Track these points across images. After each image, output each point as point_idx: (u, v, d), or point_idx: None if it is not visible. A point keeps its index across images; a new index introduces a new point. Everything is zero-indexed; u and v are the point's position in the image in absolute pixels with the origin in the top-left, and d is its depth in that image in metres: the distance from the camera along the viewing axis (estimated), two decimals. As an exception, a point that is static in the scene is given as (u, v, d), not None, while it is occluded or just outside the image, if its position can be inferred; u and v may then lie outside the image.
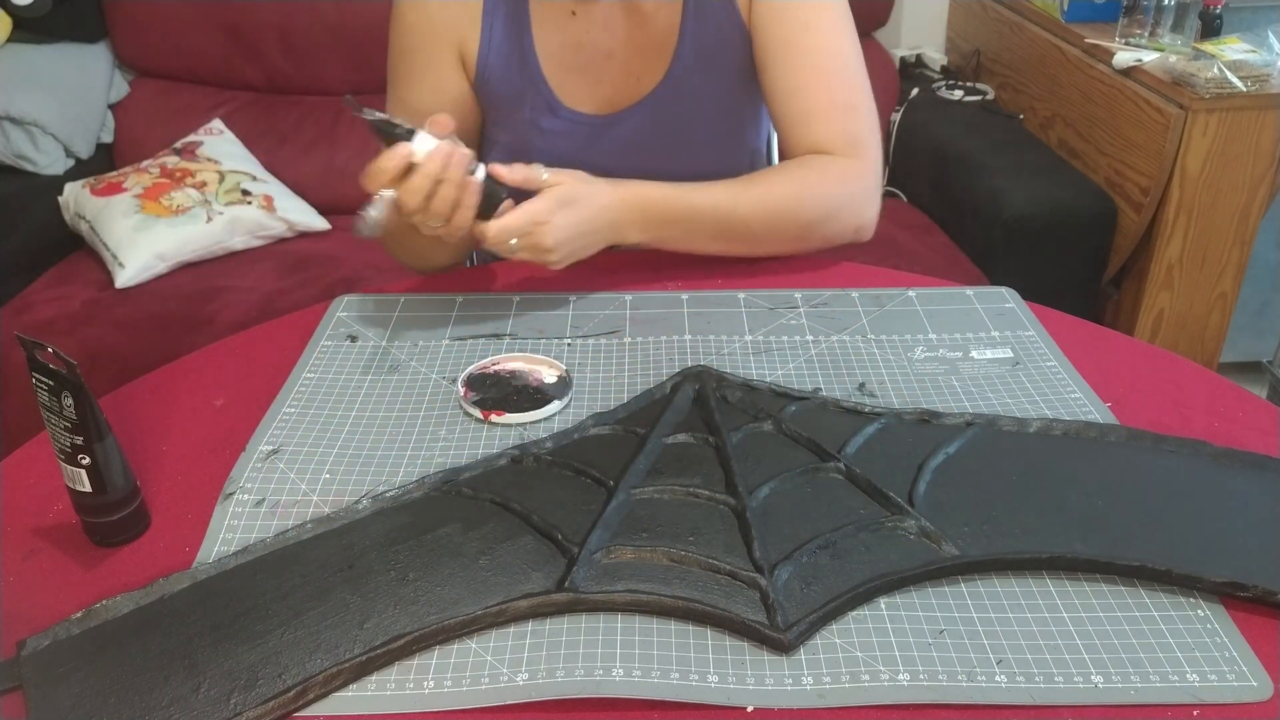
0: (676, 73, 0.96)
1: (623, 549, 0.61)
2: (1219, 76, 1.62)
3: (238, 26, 2.03)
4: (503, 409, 0.75)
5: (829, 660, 0.55)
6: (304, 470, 0.70)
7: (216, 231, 1.78)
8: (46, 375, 0.59)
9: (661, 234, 0.90)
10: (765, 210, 0.91)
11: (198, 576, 0.60)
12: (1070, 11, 1.96)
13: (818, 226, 0.93)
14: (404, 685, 0.54)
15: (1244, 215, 1.72)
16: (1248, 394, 0.77)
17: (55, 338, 1.61)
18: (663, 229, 0.90)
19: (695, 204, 0.90)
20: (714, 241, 0.93)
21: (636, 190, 0.88)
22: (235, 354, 0.85)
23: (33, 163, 1.89)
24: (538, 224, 0.82)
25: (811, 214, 0.92)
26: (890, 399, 0.76)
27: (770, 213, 0.91)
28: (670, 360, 0.82)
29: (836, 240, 0.96)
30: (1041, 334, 0.85)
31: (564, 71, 0.97)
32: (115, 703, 0.52)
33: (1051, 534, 0.62)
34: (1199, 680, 0.53)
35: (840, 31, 0.93)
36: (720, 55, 0.96)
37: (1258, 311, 1.91)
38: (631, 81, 0.97)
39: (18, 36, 1.96)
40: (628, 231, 0.89)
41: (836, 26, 0.93)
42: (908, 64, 2.37)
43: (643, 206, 0.88)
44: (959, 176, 1.94)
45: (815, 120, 0.93)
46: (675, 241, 0.92)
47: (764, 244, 0.94)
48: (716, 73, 0.97)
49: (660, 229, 0.90)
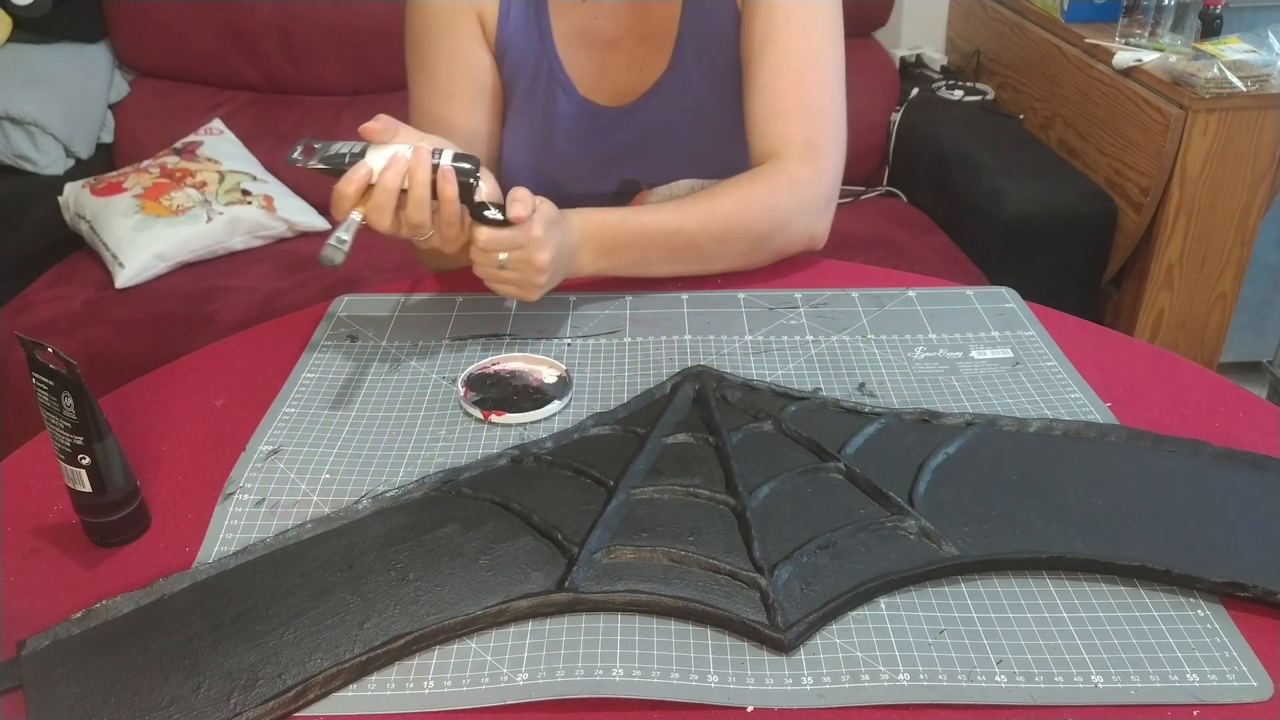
0: (677, 65, 0.97)
1: (623, 549, 0.61)
2: (1219, 76, 1.62)
3: (238, 26, 2.03)
4: (503, 409, 0.75)
5: (829, 660, 0.55)
6: (304, 470, 0.70)
7: (216, 231, 1.78)
8: (46, 375, 0.59)
9: (615, 261, 0.89)
10: (713, 225, 0.89)
11: (198, 576, 0.60)
12: (1070, 11, 1.96)
13: (768, 239, 0.92)
14: (404, 685, 0.54)
15: (1244, 215, 1.72)
16: (1248, 394, 0.77)
17: (55, 338, 1.61)
18: (616, 254, 0.88)
19: (645, 225, 0.88)
20: (667, 263, 0.91)
21: (591, 217, 0.87)
22: (235, 354, 0.85)
23: (33, 163, 1.89)
24: (533, 238, 0.78)
25: (762, 226, 0.91)
26: (890, 399, 0.76)
27: (718, 228, 0.89)
28: (670, 360, 0.82)
29: (789, 251, 0.94)
30: (1041, 334, 0.85)
31: (574, 54, 0.97)
32: (115, 703, 0.52)
33: (1051, 534, 0.62)
34: (1199, 680, 0.53)
35: (823, 33, 0.92)
36: (718, 48, 0.96)
37: (1258, 311, 1.91)
38: (635, 71, 0.98)
39: (18, 36, 1.96)
40: (583, 259, 0.87)
41: (820, 27, 0.92)
42: (908, 64, 2.37)
43: (598, 233, 0.87)
44: (959, 176, 1.94)
45: (777, 121, 0.92)
46: (629, 267, 0.90)
47: (716, 260, 0.92)
48: (715, 66, 0.97)
49: (613, 255, 0.88)
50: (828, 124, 0.92)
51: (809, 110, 0.91)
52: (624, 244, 0.88)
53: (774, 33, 0.91)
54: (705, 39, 0.96)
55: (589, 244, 0.86)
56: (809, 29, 0.91)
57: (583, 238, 0.86)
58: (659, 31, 0.96)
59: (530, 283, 0.81)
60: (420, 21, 0.96)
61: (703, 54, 0.97)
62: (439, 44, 0.95)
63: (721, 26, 0.95)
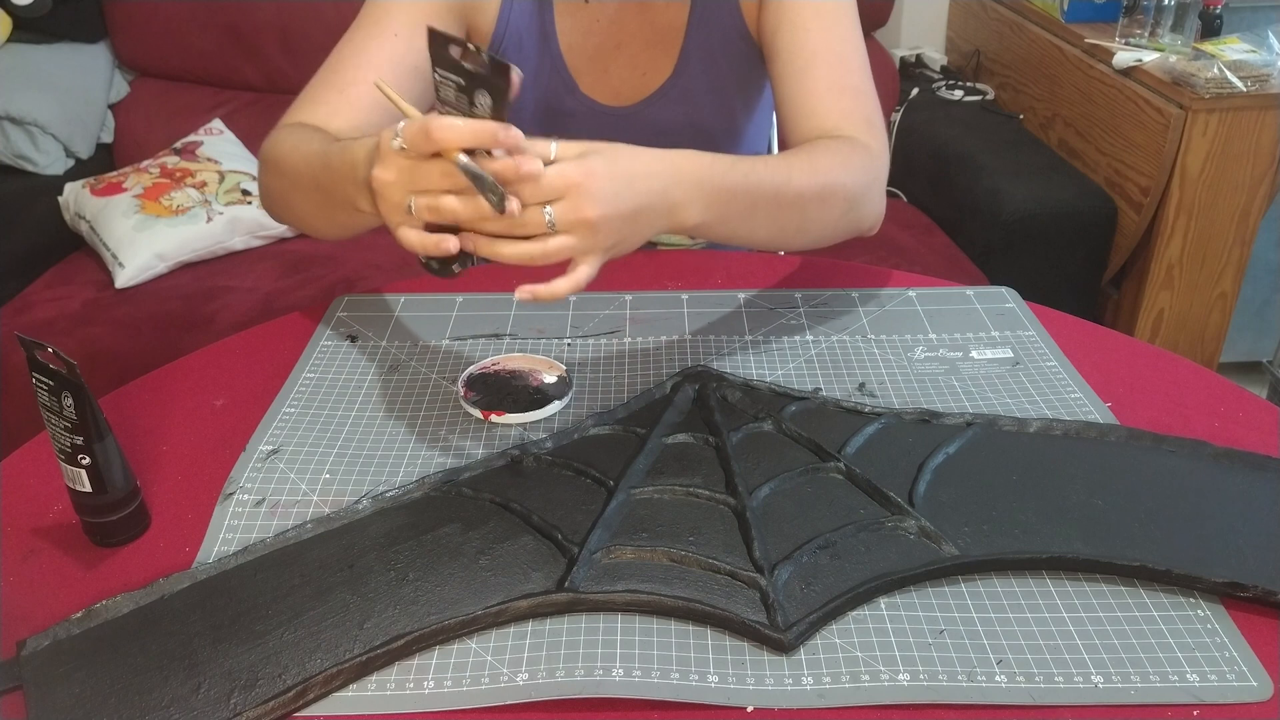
0: (682, 71, 0.97)
1: (623, 549, 0.61)
2: (1219, 76, 1.62)
3: (238, 26, 2.03)
4: (503, 409, 0.75)
5: (829, 660, 0.55)
6: (304, 470, 0.70)
7: (216, 231, 1.78)
8: (46, 375, 0.59)
9: (724, 212, 0.73)
10: (816, 182, 0.78)
11: (198, 576, 0.60)
12: (1070, 11, 1.96)
13: (858, 205, 0.84)
14: (404, 685, 0.54)
15: (1244, 215, 1.72)
16: (1248, 394, 0.77)
17: (55, 338, 1.61)
18: (725, 205, 0.73)
19: (756, 172, 0.74)
20: (769, 222, 0.78)
21: (689, 156, 0.71)
22: (235, 354, 0.85)
23: (33, 163, 1.89)
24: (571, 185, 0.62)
25: (857, 189, 0.82)
26: (890, 399, 0.76)
27: (821, 186, 0.79)
28: (670, 360, 0.82)
29: (863, 226, 0.87)
30: (1041, 334, 0.85)
31: (577, 55, 0.98)
32: (115, 703, 0.52)
33: (1051, 534, 0.62)
34: (1199, 680, 0.53)
35: (852, 20, 0.91)
36: (723, 58, 0.97)
37: (1258, 311, 1.91)
38: (638, 74, 0.98)
39: (18, 36, 1.96)
40: (685, 208, 0.70)
41: (847, 17, 0.91)
42: (908, 64, 2.37)
43: (708, 174, 0.71)
44: (959, 176, 1.94)
45: (828, 99, 0.86)
46: (733, 222, 0.75)
47: (811, 226, 0.81)
48: (719, 75, 0.98)
49: (723, 205, 0.72)
50: (874, 103, 0.89)
51: (857, 91, 0.88)
52: (734, 193, 0.73)
53: (805, 21, 0.89)
54: (711, 48, 0.96)
55: (696, 186, 0.70)
56: (840, 16, 0.90)
57: (683, 177, 0.70)
58: (663, 37, 0.96)
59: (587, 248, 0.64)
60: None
61: (708, 63, 0.97)
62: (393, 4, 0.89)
63: (726, 36, 0.95)
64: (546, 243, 0.63)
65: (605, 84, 0.99)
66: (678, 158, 0.70)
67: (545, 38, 0.97)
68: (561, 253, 0.64)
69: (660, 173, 0.68)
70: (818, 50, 0.88)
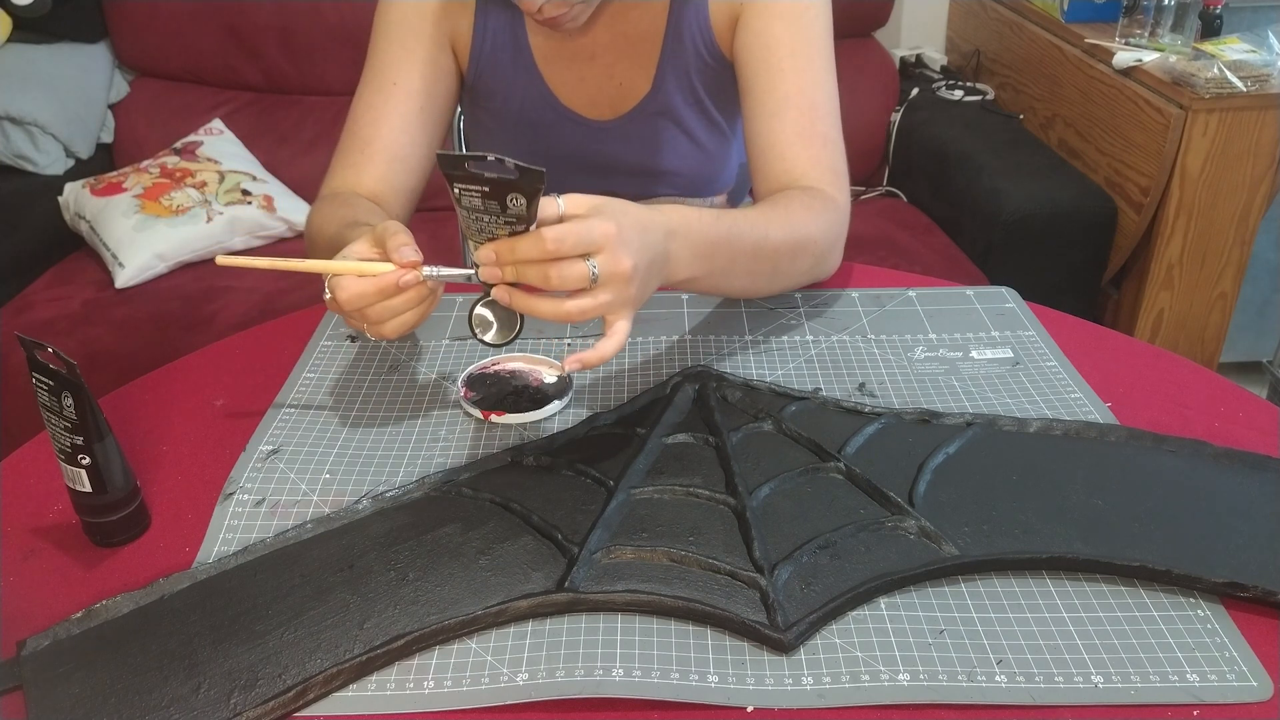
0: (659, 86, 0.97)
1: (623, 549, 0.61)
2: (1219, 76, 1.62)
3: (238, 26, 2.03)
4: (503, 409, 0.75)
5: (829, 660, 0.55)
6: (304, 470, 0.70)
7: (216, 231, 1.78)
8: (46, 375, 0.59)
9: (709, 265, 0.75)
10: (792, 238, 0.82)
11: (198, 576, 0.60)
12: (1070, 11, 1.96)
13: (824, 259, 0.88)
14: (404, 685, 0.54)
15: (1244, 215, 1.72)
16: (1248, 394, 0.77)
17: (55, 338, 1.61)
18: (711, 259, 0.75)
19: (737, 226, 0.77)
20: (746, 275, 0.81)
21: (682, 211, 0.73)
22: (235, 354, 0.85)
23: (33, 163, 1.89)
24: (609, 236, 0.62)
25: (825, 243, 0.87)
26: (890, 399, 0.76)
27: (795, 241, 0.83)
28: (670, 360, 0.82)
29: (823, 276, 0.92)
30: (1041, 334, 0.85)
31: (551, 65, 0.98)
32: (115, 703, 0.52)
33: (1051, 534, 0.62)
34: (1199, 680, 0.53)
35: (827, 66, 0.91)
36: (699, 77, 0.97)
37: (1258, 311, 1.91)
38: (615, 86, 0.98)
39: (18, 36, 1.96)
40: (678, 261, 0.72)
41: (821, 60, 0.90)
42: (908, 64, 2.37)
43: (697, 229, 0.73)
44: (959, 176, 1.94)
45: (797, 144, 0.88)
46: (716, 276, 0.77)
47: (781, 278, 0.86)
48: (694, 91, 0.98)
49: (709, 259, 0.75)
50: (842, 153, 0.91)
51: (825, 139, 0.89)
52: (718, 247, 0.75)
53: (779, 63, 0.89)
54: (686, 65, 0.96)
55: (686, 239, 0.72)
56: (814, 60, 0.90)
57: (676, 231, 0.71)
58: (637, 50, 0.96)
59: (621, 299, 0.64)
60: (384, 15, 0.95)
61: (685, 79, 0.97)
62: (394, 34, 0.95)
63: (697, 53, 0.95)
64: (596, 296, 0.63)
65: (582, 93, 0.99)
66: (670, 211, 0.71)
67: (519, 48, 0.97)
68: (601, 309, 0.64)
69: (659, 225, 0.69)
70: (790, 95, 0.89)
